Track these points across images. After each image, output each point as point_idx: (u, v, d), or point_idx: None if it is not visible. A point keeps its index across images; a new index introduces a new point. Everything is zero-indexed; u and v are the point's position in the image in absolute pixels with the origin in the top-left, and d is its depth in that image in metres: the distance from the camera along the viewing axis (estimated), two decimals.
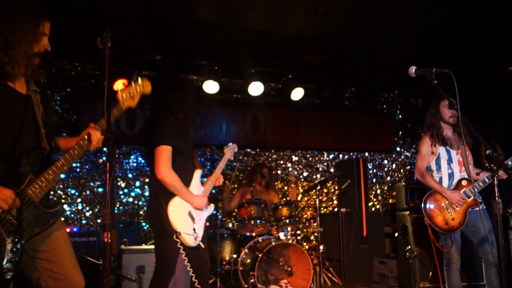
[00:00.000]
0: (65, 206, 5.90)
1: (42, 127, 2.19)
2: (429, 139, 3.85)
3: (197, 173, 3.22)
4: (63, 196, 5.92)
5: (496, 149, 3.74)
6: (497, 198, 2.58)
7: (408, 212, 5.07)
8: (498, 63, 5.72)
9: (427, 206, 3.71)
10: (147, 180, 6.21)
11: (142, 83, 2.42)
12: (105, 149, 2.18)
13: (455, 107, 2.70)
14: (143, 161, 6.25)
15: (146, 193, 6.21)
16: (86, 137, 2.20)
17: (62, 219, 2.30)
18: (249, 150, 6.96)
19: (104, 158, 1.95)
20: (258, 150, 7.00)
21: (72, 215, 5.92)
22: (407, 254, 4.94)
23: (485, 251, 3.58)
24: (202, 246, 3.11)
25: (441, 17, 4.77)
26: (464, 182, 3.71)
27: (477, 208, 3.62)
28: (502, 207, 2.54)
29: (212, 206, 3.32)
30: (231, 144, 3.70)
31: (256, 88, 6.31)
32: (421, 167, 3.84)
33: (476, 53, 5.64)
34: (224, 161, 3.53)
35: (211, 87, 6.10)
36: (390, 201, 7.46)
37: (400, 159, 7.87)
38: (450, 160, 3.79)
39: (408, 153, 7.93)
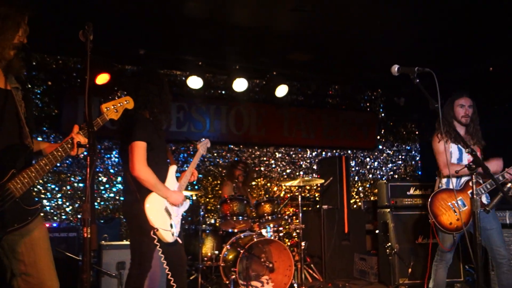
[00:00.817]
0: (45, 201, 5.80)
1: (25, 125, 2.16)
2: (437, 137, 3.80)
3: (172, 169, 3.21)
4: (43, 191, 5.82)
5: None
6: (475, 196, 2.63)
7: (389, 210, 5.13)
8: (480, 66, 5.84)
9: (433, 204, 3.67)
10: None
11: (126, 99, 2.55)
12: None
13: (436, 106, 2.72)
14: None
15: None
16: (70, 141, 2.20)
17: (41, 214, 2.26)
18: (232, 146, 6.95)
19: (85, 153, 1.94)
20: (241, 146, 6.99)
21: (52, 211, 5.83)
22: (387, 251, 5.01)
23: (493, 251, 3.59)
24: (180, 241, 3.10)
25: (426, 16, 4.81)
26: (471, 183, 3.72)
27: (483, 209, 3.61)
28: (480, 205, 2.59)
29: (188, 201, 3.31)
30: (203, 139, 3.70)
31: (240, 84, 6.29)
32: (443, 161, 3.72)
33: (461, 54, 5.73)
34: (197, 157, 3.53)
35: (195, 82, 6.07)
36: (372, 198, 7.54)
37: (382, 157, 7.95)
38: (460, 159, 3.76)
39: (390, 151, 8.02)
